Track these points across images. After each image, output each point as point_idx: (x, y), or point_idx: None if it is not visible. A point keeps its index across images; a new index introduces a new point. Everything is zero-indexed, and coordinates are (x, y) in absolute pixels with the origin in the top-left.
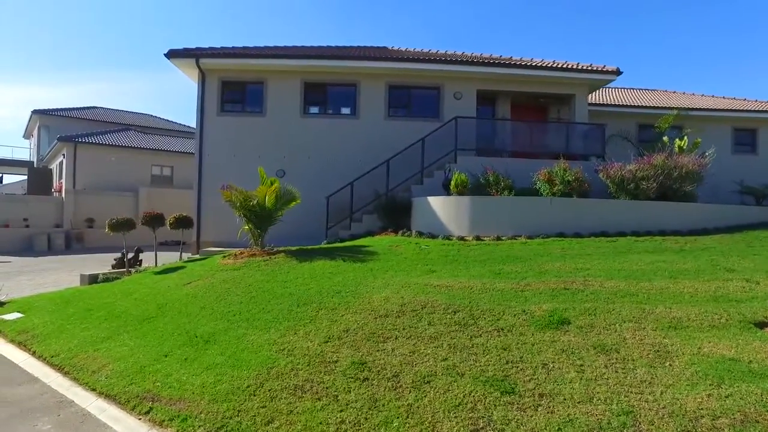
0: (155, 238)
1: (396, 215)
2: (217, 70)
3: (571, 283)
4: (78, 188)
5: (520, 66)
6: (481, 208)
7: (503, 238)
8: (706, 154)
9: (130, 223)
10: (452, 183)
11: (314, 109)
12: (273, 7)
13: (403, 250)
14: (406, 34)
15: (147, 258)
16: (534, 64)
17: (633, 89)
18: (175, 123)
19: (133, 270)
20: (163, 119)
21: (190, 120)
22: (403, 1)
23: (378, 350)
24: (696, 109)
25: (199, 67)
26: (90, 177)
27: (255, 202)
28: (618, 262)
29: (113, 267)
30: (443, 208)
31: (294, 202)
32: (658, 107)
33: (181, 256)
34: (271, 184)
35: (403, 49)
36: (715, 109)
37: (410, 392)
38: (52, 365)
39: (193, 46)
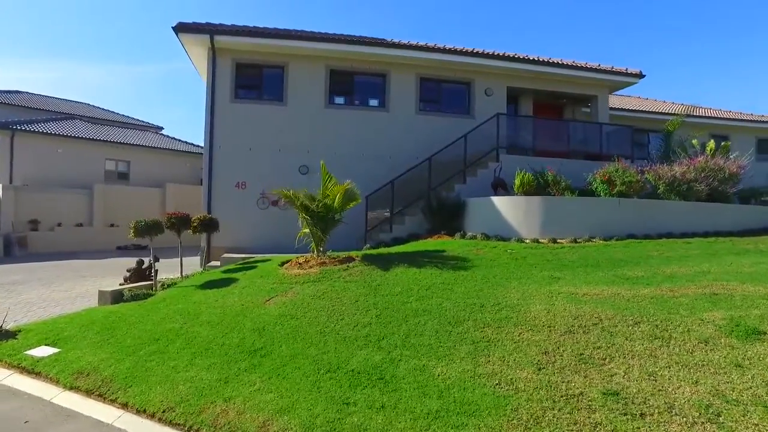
0: (180, 244)
1: (446, 216)
2: (231, 51)
3: (710, 287)
4: (18, 184)
5: (552, 64)
6: (551, 209)
7: (579, 240)
8: (730, 157)
9: (158, 227)
10: (516, 183)
11: (339, 100)
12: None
13: (490, 255)
14: (390, 30)
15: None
16: (564, 63)
17: (621, 96)
18: (122, 115)
19: (159, 284)
20: (109, 110)
21: (137, 114)
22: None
23: (610, 374)
24: (689, 116)
25: (212, 45)
26: (31, 171)
27: (323, 203)
28: (724, 264)
29: (129, 279)
30: (511, 209)
31: (355, 202)
32: (651, 111)
33: (205, 264)
34: (330, 179)
35: (432, 45)
36: (698, 116)
37: (718, 430)
38: (174, 425)
39: (204, 21)
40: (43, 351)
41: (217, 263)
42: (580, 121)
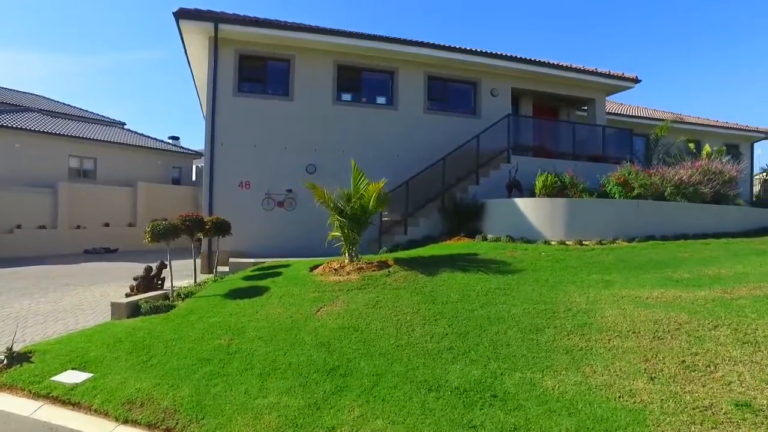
0: (193, 248)
1: (464, 218)
2: (234, 41)
3: (760, 289)
4: None
5: (556, 67)
6: (576, 211)
7: (604, 242)
8: (723, 161)
9: (175, 230)
10: (538, 184)
11: (347, 97)
12: None
13: (526, 258)
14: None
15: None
16: (567, 66)
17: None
18: (81, 108)
19: (173, 293)
20: (66, 104)
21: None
22: None
23: (726, 383)
24: (675, 122)
25: (216, 34)
26: None
27: (359, 203)
28: (755, 265)
29: (137, 289)
30: (534, 211)
31: (383, 206)
32: (633, 116)
33: (215, 270)
34: (363, 178)
35: (440, 43)
36: (682, 121)
37: None
38: None
39: (205, 8)
40: (72, 376)
41: (226, 269)
42: (586, 124)
